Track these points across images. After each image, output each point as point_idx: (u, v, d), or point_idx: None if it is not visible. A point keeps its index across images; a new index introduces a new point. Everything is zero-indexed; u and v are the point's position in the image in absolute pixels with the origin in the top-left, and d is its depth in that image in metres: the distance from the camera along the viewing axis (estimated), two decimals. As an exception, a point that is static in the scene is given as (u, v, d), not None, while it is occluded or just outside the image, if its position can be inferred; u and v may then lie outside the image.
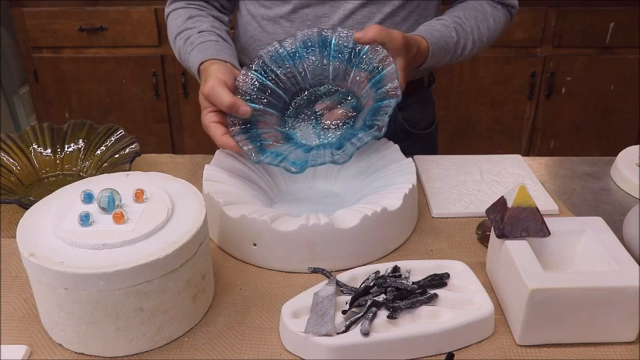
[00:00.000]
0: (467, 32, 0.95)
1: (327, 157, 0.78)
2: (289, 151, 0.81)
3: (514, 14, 1.04)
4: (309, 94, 0.89)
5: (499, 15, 1.00)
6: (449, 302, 0.64)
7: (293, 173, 0.79)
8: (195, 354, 0.62)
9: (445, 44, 0.92)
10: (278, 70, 0.88)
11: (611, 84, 2.31)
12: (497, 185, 0.90)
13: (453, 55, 0.95)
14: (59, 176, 0.92)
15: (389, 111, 0.77)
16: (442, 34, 0.91)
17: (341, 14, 0.95)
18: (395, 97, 0.78)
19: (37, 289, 0.61)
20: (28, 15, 2.21)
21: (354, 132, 0.80)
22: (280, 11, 0.97)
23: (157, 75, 2.31)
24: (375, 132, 0.77)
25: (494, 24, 0.99)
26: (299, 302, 0.63)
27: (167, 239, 0.60)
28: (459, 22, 0.95)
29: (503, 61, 2.27)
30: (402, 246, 0.78)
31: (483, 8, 0.99)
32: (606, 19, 2.20)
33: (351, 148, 0.77)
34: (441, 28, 0.92)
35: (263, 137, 0.83)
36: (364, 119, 0.81)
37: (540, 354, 0.62)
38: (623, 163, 0.94)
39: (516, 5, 1.03)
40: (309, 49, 0.88)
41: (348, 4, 0.94)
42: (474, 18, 0.97)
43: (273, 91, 0.87)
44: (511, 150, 2.37)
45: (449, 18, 0.95)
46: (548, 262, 0.68)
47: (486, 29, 0.98)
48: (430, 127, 1.15)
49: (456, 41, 0.94)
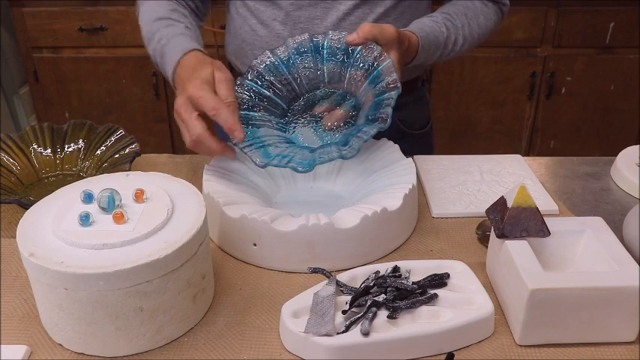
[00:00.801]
0: (457, 27, 0.96)
1: (334, 152, 0.77)
2: (295, 152, 0.81)
3: (505, 12, 1.04)
4: (306, 99, 0.89)
5: (490, 12, 1.01)
6: (449, 302, 0.64)
7: (302, 172, 0.78)
8: (195, 354, 0.62)
9: (435, 39, 0.92)
10: (273, 79, 0.88)
11: (611, 84, 2.31)
12: (497, 185, 0.90)
13: (444, 50, 0.95)
14: (59, 176, 0.92)
15: (391, 102, 0.77)
16: (432, 29, 0.92)
17: (334, 16, 0.95)
18: (395, 90, 0.78)
19: (37, 289, 0.61)
20: (28, 15, 2.21)
21: (359, 127, 0.80)
22: (272, 14, 0.97)
23: (157, 75, 2.31)
24: (380, 124, 0.76)
25: (484, 20, 0.99)
26: (299, 302, 0.63)
27: (167, 239, 0.60)
28: (448, 18, 0.95)
29: (503, 61, 2.27)
30: (402, 246, 0.78)
31: (474, 5, 0.99)
32: (606, 19, 2.20)
33: (357, 142, 0.77)
34: (431, 23, 0.93)
35: (265, 142, 0.83)
36: (366, 114, 0.80)
37: (540, 354, 0.62)
38: (623, 163, 0.94)
39: (507, 2, 1.04)
40: (302, 55, 0.88)
41: (341, 5, 0.94)
42: (465, 14, 0.97)
43: (269, 98, 0.87)
44: (511, 150, 2.37)
45: (439, 15, 0.96)
46: (548, 262, 0.68)
47: (477, 25, 0.98)
48: (425, 127, 1.15)
49: (447, 36, 0.94)
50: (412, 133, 1.11)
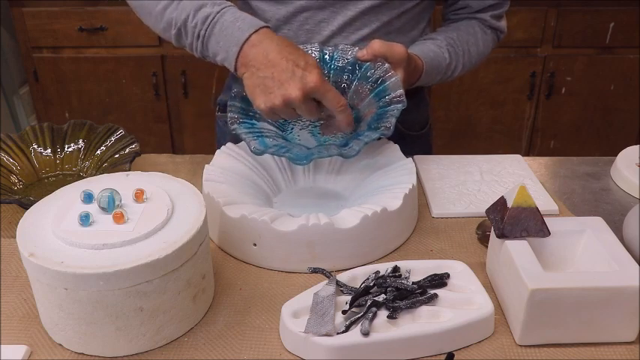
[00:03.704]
0: (458, 55, 0.97)
1: (333, 150, 0.77)
2: (292, 146, 0.81)
3: (501, 38, 1.07)
4: None
5: (488, 40, 1.03)
6: (449, 302, 0.64)
7: (298, 164, 0.78)
8: (195, 354, 0.62)
9: (438, 64, 0.94)
10: None
11: (611, 84, 2.31)
12: (497, 185, 0.90)
13: (444, 75, 0.97)
14: (59, 176, 0.92)
15: (396, 114, 0.78)
16: (436, 54, 0.93)
17: (340, 21, 0.94)
18: (401, 103, 0.79)
19: (37, 289, 0.61)
20: (28, 15, 2.21)
21: (360, 133, 0.80)
22: (276, 14, 0.97)
23: (157, 75, 2.31)
24: (384, 131, 0.77)
25: (483, 48, 1.01)
26: (299, 302, 0.63)
27: (167, 239, 0.60)
28: (451, 44, 0.96)
29: (503, 61, 2.27)
30: (402, 246, 0.78)
31: (475, 31, 1.00)
32: (606, 19, 2.20)
33: (358, 144, 0.77)
34: (435, 48, 0.94)
35: (264, 134, 0.83)
36: (369, 123, 0.81)
37: (540, 354, 0.62)
38: (623, 163, 0.94)
39: (505, 30, 1.05)
40: None
41: (349, 11, 0.94)
42: (466, 42, 0.99)
43: None
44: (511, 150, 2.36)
45: (442, 39, 0.96)
46: (548, 262, 0.68)
47: (476, 53, 1.00)
48: (424, 128, 1.15)
49: (448, 62, 0.96)
50: (411, 134, 1.11)
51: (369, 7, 0.93)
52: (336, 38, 0.95)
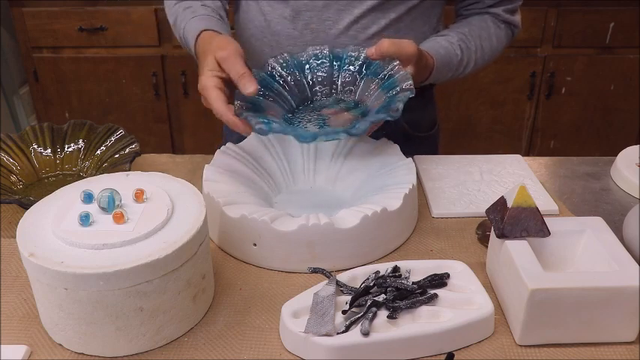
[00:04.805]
0: (470, 50, 0.95)
1: (339, 130, 0.76)
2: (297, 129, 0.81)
3: (516, 33, 1.04)
4: (315, 103, 0.90)
5: (501, 35, 1.00)
6: (449, 302, 0.64)
7: (303, 142, 0.76)
8: (195, 354, 0.62)
9: (449, 61, 0.92)
10: (288, 77, 0.89)
11: (611, 84, 2.31)
12: (497, 185, 0.90)
13: (455, 72, 0.96)
14: (59, 176, 0.92)
15: (404, 99, 0.76)
16: (447, 50, 0.92)
17: (347, 20, 0.94)
18: (409, 91, 0.77)
19: (37, 289, 0.61)
20: (28, 15, 2.21)
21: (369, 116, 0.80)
22: (282, 13, 0.96)
23: (157, 75, 2.31)
24: (392, 113, 0.75)
25: (496, 43, 0.99)
26: (299, 302, 0.63)
27: (167, 239, 0.60)
28: (463, 40, 0.95)
29: (503, 61, 2.26)
30: (402, 246, 0.78)
31: (487, 25, 0.98)
32: (606, 19, 2.20)
33: (364, 124, 0.75)
34: (446, 44, 0.93)
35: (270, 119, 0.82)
36: (377, 110, 0.80)
37: (540, 354, 0.62)
38: (623, 163, 0.94)
39: (519, 25, 1.02)
40: (319, 60, 0.89)
41: (355, 9, 0.93)
42: (479, 37, 0.97)
43: (280, 93, 0.88)
44: (511, 150, 2.37)
45: (454, 35, 0.95)
46: (548, 262, 0.68)
47: (489, 49, 0.98)
48: (432, 130, 1.14)
49: (460, 59, 0.94)
50: (418, 136, 1.11)
51: (377, 4, 0.92)
52: (344, 37, 0.94)
